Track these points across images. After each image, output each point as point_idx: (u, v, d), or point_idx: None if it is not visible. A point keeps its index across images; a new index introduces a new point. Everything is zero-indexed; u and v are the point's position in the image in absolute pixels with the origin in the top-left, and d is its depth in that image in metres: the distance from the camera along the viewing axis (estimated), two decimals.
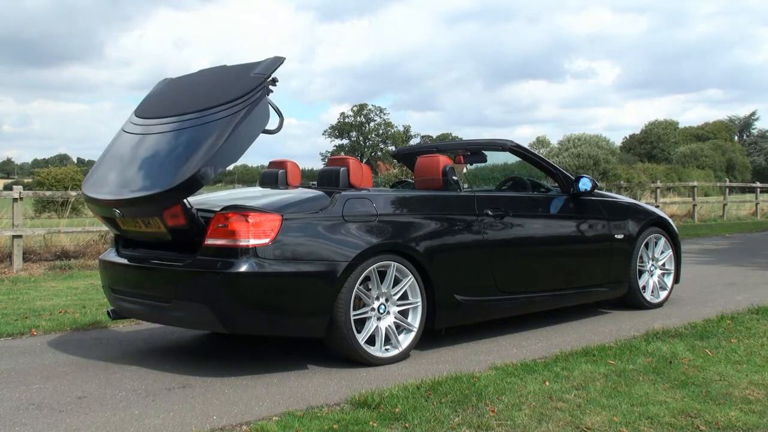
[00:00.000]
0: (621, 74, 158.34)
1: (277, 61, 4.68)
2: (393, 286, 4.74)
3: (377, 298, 4.69)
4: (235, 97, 4.48)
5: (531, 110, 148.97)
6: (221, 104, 4.50)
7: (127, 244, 5.06)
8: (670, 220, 6.89)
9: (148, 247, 4.93)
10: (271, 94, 4.59)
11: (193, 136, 4.46)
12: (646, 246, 6.49)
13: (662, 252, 6.64)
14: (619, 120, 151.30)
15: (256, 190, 5.50)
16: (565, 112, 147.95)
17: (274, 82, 4.59)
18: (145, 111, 5.06)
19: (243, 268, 4.24)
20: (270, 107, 4.56)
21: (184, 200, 4.39)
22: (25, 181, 57.83)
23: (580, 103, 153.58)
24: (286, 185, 5.57)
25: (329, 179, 5.12)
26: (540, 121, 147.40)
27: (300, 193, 4.90)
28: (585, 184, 5.96)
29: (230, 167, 4.72)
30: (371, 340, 4.64)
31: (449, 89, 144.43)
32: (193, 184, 4.25)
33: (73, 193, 11.86)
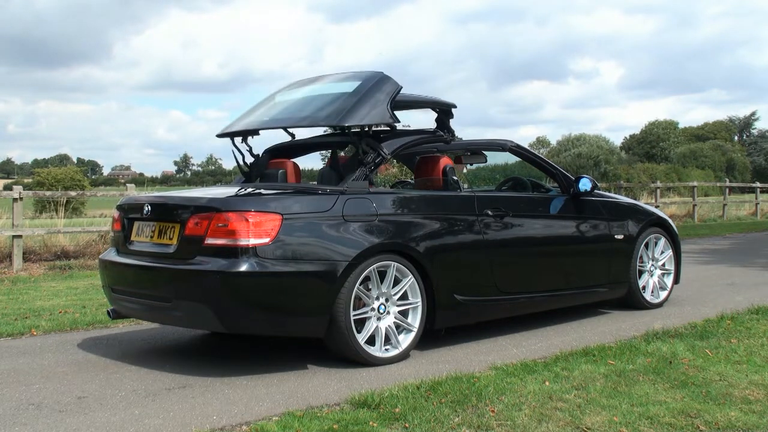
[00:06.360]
0: (625, 75, 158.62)
1: None
2: (393, 286, 4.74)
3: (377, 298, 4.69)
4: None
5: (534, 110, 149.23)
6: None
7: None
8: (670, 221, 6.89)
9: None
10: None
11: None
12: (646, 246, 6.49)
13: (662, 252, 6.64)
14: (623, 120, 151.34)
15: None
16: (569, 112, 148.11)
17: None
18: None
19: (243, 268, 4.24)
20: None
21: None
22: (25, 181, 57.80)
23: (584, 104, 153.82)
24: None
25: (329, 179, 5.12)
26: (543, 122, 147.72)
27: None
28: (585, 184, 5.95)
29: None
30: (371, 340, 4.64)
31: (453, 89, 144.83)
32: None
33: (73, 193, 11.84)
